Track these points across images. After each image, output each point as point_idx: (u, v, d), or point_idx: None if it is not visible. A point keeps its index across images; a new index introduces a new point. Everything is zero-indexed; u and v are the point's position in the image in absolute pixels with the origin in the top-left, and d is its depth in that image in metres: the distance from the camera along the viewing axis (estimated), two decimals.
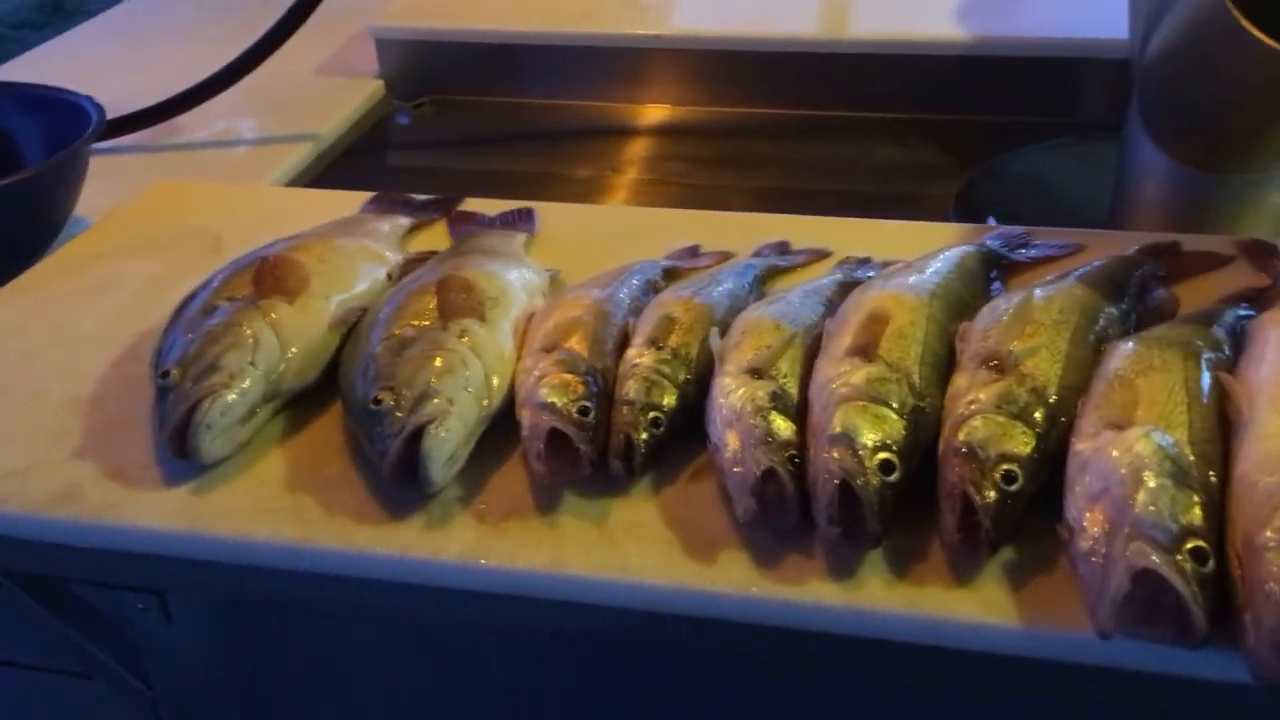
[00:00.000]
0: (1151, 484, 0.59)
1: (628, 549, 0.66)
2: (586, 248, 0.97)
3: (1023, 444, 0.64)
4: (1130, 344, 0.71)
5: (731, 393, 0.70)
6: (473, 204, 1.06)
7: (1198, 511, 0.58)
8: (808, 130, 1.43)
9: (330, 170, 1.35)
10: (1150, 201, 1.12)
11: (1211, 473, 0.61)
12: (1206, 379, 0.67)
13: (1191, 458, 0.61)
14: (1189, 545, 0.56)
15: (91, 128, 1.06)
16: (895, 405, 0.67)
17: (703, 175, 1.38)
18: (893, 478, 0.63)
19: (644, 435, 0.69)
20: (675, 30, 1.47)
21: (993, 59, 1.37)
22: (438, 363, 0.72)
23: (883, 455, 0.64)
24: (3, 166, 1.04)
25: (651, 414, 0.70)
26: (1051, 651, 0.60)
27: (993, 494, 0.62)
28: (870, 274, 0.88)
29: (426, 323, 0.76)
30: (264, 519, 0.69)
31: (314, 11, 1.30)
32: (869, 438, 0.65)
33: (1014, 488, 0.62)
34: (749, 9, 1.49)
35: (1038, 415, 0.66)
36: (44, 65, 1.58)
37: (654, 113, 1.49)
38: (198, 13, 1.75)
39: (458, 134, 1.51)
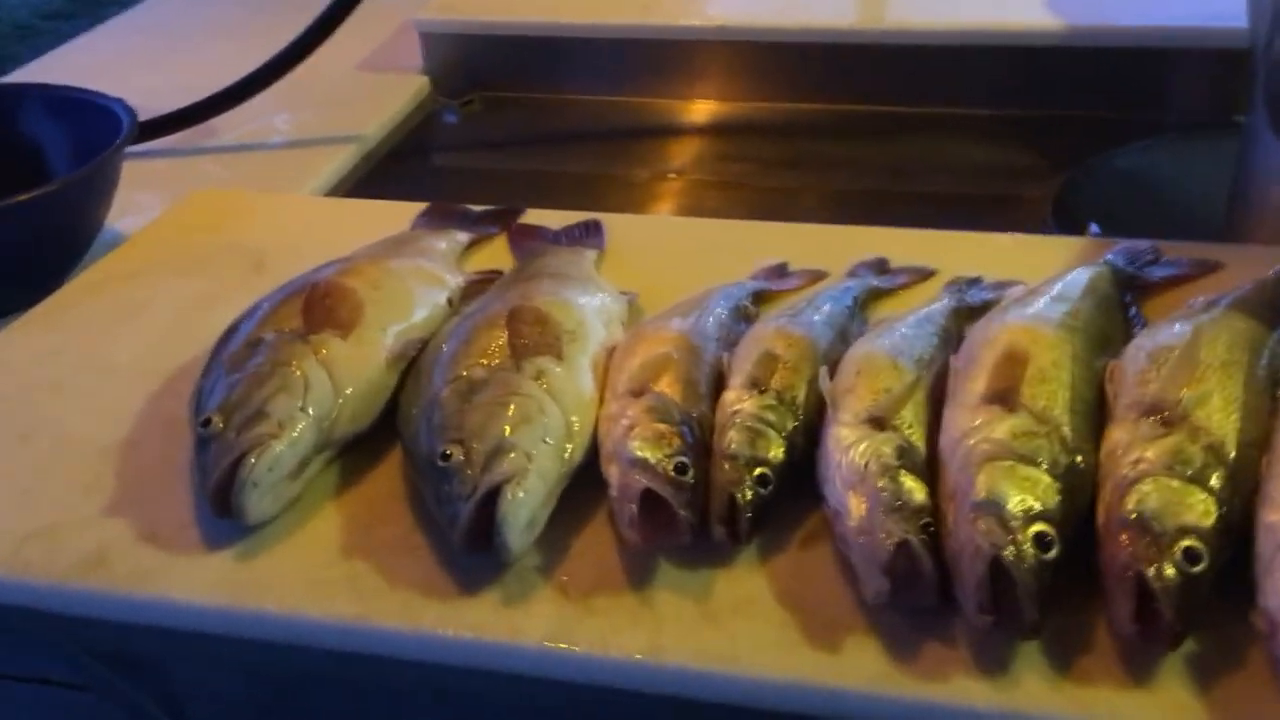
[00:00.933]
0: None
1: (735, 631, 0.57)
2: (662, 265, 0.89)
3: (1204, 514, 0.55)
4: None
5: (851, 447, 0.60)
6: (533, 215, 0.97)
7: None
8: (881, 128, 1.33)
9: (376, 173, 1.27)
10: (1274, 203, 1.01)
11: None
12: None
13: None
14: None
15: (123, 134, 0.97)
16: (1047, 465, 0.57)
17: (770, 177, 1.29)
18: (1051, 555, 0.54)
19: (749, 495, 0.60)
20: (734, 20, 1.37)
21: (1086, 49, 1.27)
22: (512, 410, 0.63)
23: (1039, 527, 0.54)
24: (29, 177, 0.96)
25: (758, 470, 0.61)
26: None
27: (1174, 575, 0.53)
28: (985, 295, 0.79)
29: (497, 361, 0.67)
30: (317, 592, 0.60)
31: (357, 6, 1.22)
32: (1021, 506, 0.55)
33: (1198, 569, 0.53)
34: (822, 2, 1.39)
35: (1216, 478, 0.56)
36: (73, 62, 1.51)
37: (703, 108, 1.40)
38: (234, 7, 1.68)
39: (507, 134, 1.42)
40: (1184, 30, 1.25)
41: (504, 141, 1.41)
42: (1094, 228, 1.02)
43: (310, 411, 0.65)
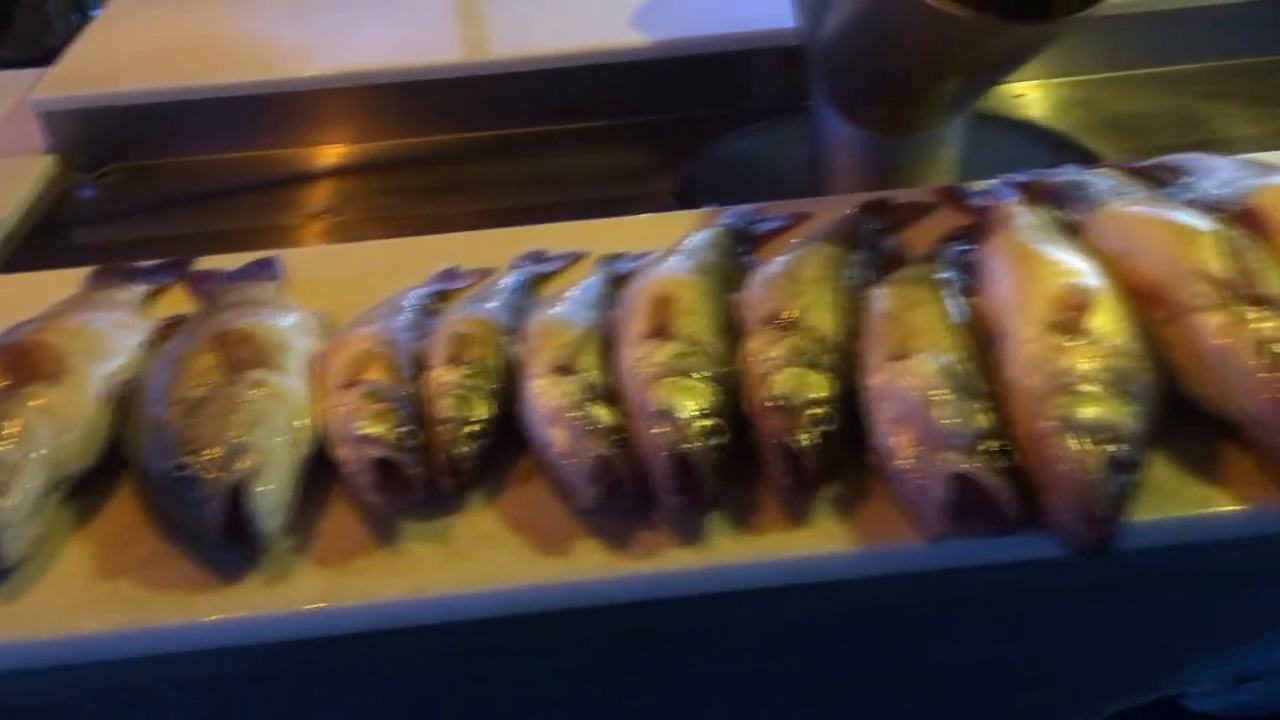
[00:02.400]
0: (941, 399, 0.66)
1: (482, 559, 0.66)
2: (341, 287, 0.95)
3: (823, 387, 0.70)
4: (886, 288, 0.79)
5: (545, 392, 0.71)
6: (203, 263, 1.01)
7: (984, 416, 0.66)
8: (521, 148, 1.45)
9: (19, 256, 1.24)
10: (845, 168, 1.23)
11: (985, 384, 0.69)
12: (957, 305, 0.76)
13: (966, 372, 0.68)
14: (984, 445, 0.64)
15: None
16: (702, 374, 0.71)
17: (419, 205, 1.38)
18: (718, 440, 0.67)
19: (467, 448, 0.70)
20: (355, 68, 1.45)
21: (675, 59, 1.45)
22: (240, 417, 0.69)
23: (706, 421, 0.68)
24: None
25: (469, 427, 0.71)
26: (892, 566, 0.66)
27: (808, 437, 0.67)
28: (630, 265, 0.92)
29: (212, 380, 0.73)
30: (86, 610, 0.64)
31: None
32: (688, 408, 0.68)
33: (825, 427, 0.68)
34: (424, 38, 1.49)
35: (827, 359, 0.72)
36: None
37: (340, 151, 1.46)
38: None
39: (149, 199, 1.41)
40: (758, 34, 1.44)
41: (149, 208, 1.40)
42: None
43: (36, 455, 0.68)
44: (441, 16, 1.56)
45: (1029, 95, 1.47)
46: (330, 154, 1.46)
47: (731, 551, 0.66)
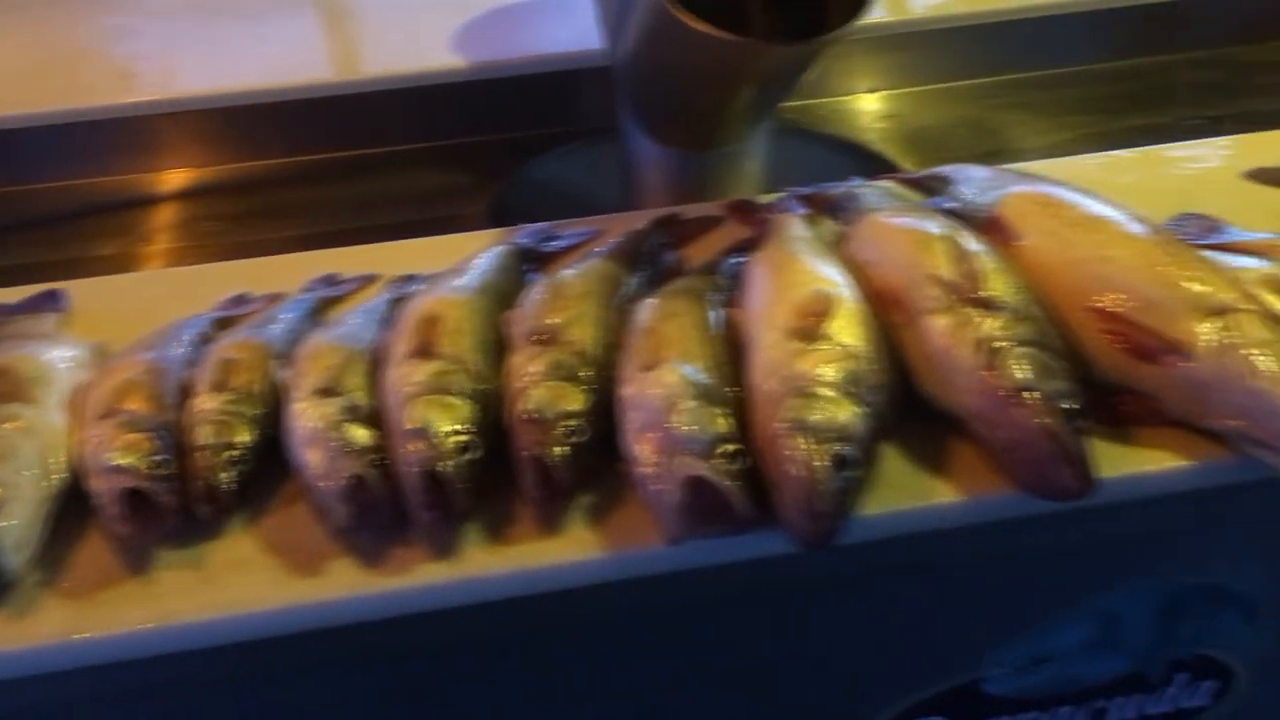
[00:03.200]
0: (683, 407, 0.68)
1: (232, 585, 0.67)
2: (131, 316, 0.94)
3: (577, 400, 0.72)
4: (651, 300, 0.81)
5: (304, 414, 0.72)
6: None
7: (723, 421, 0.68)
8: (341, 172, 1.45)
9: None
10: (653, 185, 1.26)
11: (729, 389, 0.72)
12: (714, 315, 0.79)
13: (711, 380, 0.71)
14: (721, 449, 0.66)
15: None
16: (460, 392, 0.72)
17: (239, 232, 1.37)
18: (470, 456, 0.69)
19: (225, 475, 0.70)
20: (180, 93, 1.44)
21: (494, 81, 1.46)
22: None
23: (458, 438, 0.69)
24: None
25: (228, 453, 0.71)
26: (637, 570, 0.68)
27: (561, 449, 0.69)
28: (420, 286, 0.93)
29: None
30: None
31: None
32: (443, 425, 0.70)
33: (577, 439, 0.70)
34: (256, 62, 1.49)
35: (585, 374, 0.74)
36: None
37: (177, 178, 1.45)
38: None
39: None
40: (575, 54, 1.47)
41: None
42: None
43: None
44: (263, 41, 1.55)
45: (839, 109, 1.52)
46: (151, 182, 1.44)
47: (482, 563, 0.67)
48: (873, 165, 1.34)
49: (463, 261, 0.92)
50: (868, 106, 1.53)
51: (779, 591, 0.77)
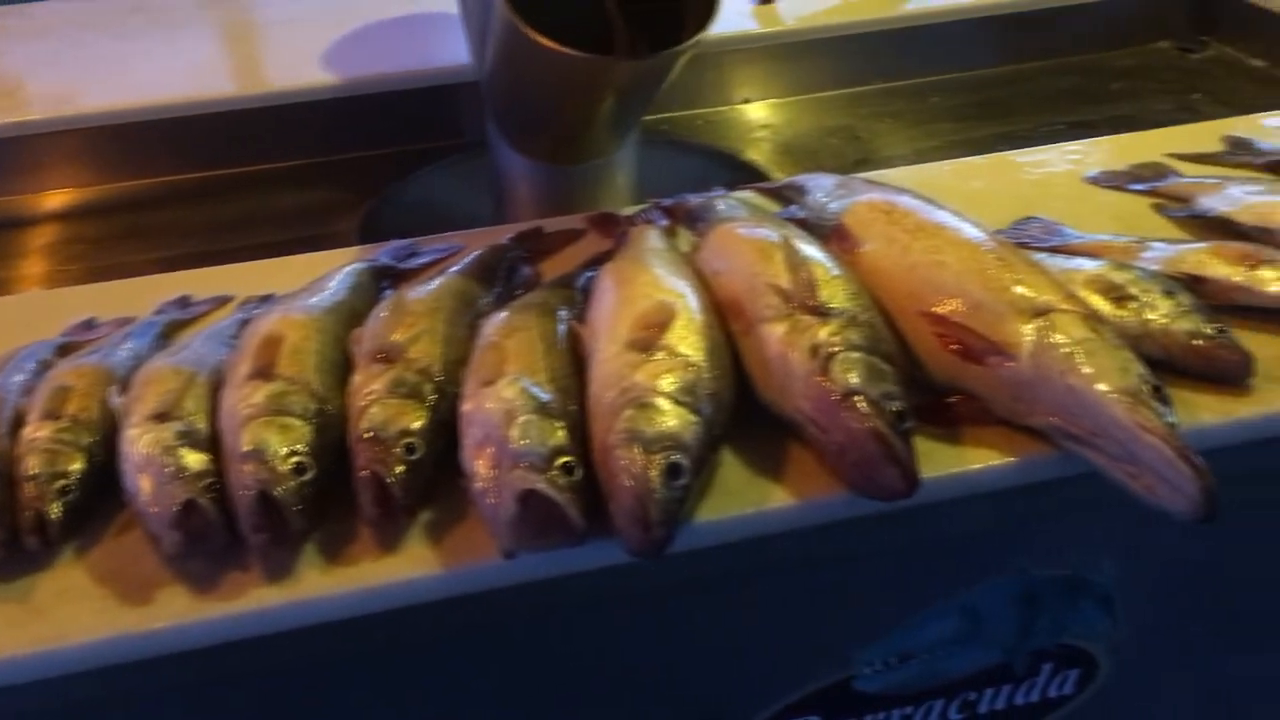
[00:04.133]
0: (520, 420, 0.68)
1: (60, 617, 0.65)
2: None
3: (417, 418, 0.72)
4: (499, 314, 0.81)
5: (137, 440, 0.71)
6: None
7: (561, 434, 0.69)
8: (210, 191, 1.43)
9: None
10: (522, 199, 1.26)
11: (570, 403, 0.72)
12: (560, 329, 0.79)
13: (551, 395, 0.71)
14: (558, 462, 0.67)
15: None
16: (299, 413, 0.72)
17: (109, 254, 1.34)
18: (306, 477, 0.68)
19: (53, 505, 0.69)
20: (58, 112, 1.41)
21: (365, 97, 1.46)
22: None
23: (294, 460, 0.69)
24: None
25: (58, 483, 0.70)
26: (475, 585, 0.68)
27: (399, 467, 0.69)
28: (274, 306, 0.92)
29: None
30: None
31: None
32: (279, 447, 0.69)
33: (415, 457, 0.70)
34: (133, 80, 1.46)
35: (426, 390, 0.74)
36: None
37: (57, 199, 1.42)
38: None
39: None
40: (448, 69, 1.48)
41: None
42: None
43: None
44: (141, 58, 1.52)
45: (718, 119, 1.54)
46: (29, 204, 1.41)
47: (317, 585, 0.67)
48: (744, 175, 1.36)
49: (315, 280, 0.91)
50: (746, 116, 1.55)
51: (631, 601, 0.78)
